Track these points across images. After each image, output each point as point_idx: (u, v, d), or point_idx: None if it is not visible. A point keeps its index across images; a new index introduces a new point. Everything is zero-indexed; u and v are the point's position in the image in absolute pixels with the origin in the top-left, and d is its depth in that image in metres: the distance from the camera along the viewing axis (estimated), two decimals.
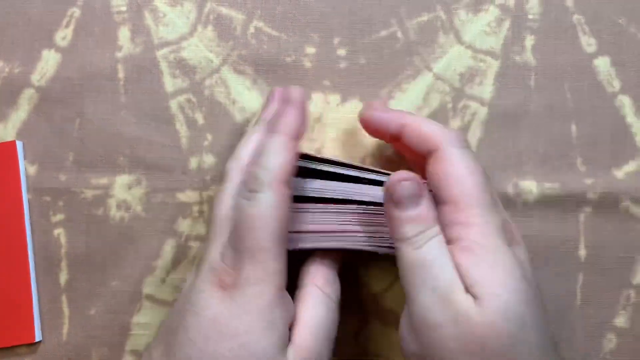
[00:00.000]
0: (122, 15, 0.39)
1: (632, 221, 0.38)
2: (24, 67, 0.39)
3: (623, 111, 0.38)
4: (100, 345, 0.37)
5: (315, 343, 0.30)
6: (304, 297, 0.31)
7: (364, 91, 0.38)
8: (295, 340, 0.29)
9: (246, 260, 0.28)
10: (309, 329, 0.30)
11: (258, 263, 0.28)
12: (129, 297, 0.38)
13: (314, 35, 0.39)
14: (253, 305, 0.28)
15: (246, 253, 0.28)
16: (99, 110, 0.38)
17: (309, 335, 0.30)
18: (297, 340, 0.29)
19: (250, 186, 0.29)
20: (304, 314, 0.30)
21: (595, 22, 0.39)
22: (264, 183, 0.29)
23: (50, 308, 0.38)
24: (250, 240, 0.28)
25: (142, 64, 0.39)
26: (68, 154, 0.38)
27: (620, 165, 0.38)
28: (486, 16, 0.39)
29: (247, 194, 0.29)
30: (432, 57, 0.39)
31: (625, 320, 0.37)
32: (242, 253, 0.28)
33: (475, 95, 0.38)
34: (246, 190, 0.29)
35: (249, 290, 0.28)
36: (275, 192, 0.29)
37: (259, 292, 0.28)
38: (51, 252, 0.38)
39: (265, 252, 0.28)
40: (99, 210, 0.38)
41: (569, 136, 0.38)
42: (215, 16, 0.39)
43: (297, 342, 0.29)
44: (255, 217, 0.28)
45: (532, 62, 0.38)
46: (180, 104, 0.39)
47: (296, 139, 0.31)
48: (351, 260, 0.37)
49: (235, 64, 0.39)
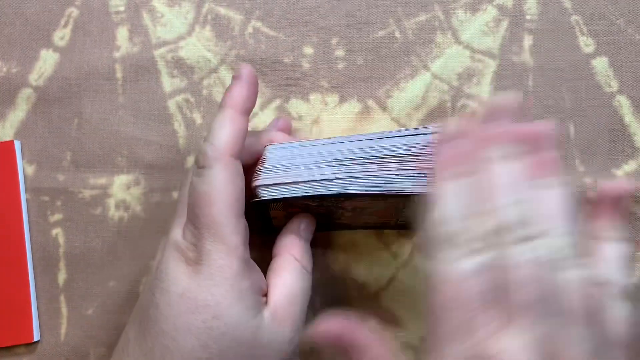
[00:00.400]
0: (120, 15, 0.39)
1: (630, 219, 0.38)
2: (21, 66, 0.39)
3: (621, 111, 0.38)
4: (98, 346, 0.37)
5: (291, 307, 0.30)
6: (280, 265, 0.32)
7: (362, 91, 0.38)
8: (271, 303, 0.30)
9: (205, 235, 0.28)
10: (284, 295, 0.30)
11: (217, 237, 0.28)
12: (127, 297, 0.38)
13: (312, 35, 0.39)
14: (220, 278, 0.28)
15: (204, 229, 0.28)
16: (97, 110, 0.38)
17: (285, 299, 0.30)
18: (273, 304, 0.30)
19: (199, 162, 0.29)
20: (280, 280, 0.31)
21: (593, 23, 0.39)
22: (211, 157, 0.29)
23: (49, 308, 0.38)
24: (205, 216, 0.28)
25: (140, 64, 0.39)
26: (66, 154, 0.38)
27: (620, 165, 0.38)
28: (484, 16, 0.39)
29: (197, 170, 0.29)
30: (430, 56, 0.39)
31: None
32: (200, 229, 0.29)
33: (474, 95, 0.38)
34: (196, 167, 0.30)
35: (213, 264, 0.28)
36: (223, 165, 0.29)
37: (223, 265, 0.28)
38: (49, 252, 0.38)
39: (222, 227, 0.28)
40: (97, 210, 0.38)
41: (567, 136, 0.38)
42: (213, 16, 0.39)
43: (273, 305, 0.30)
44: (206, 193, 0.29)
45: (530, 62, 0.38)
46: (178, 104, 0.39)
47: (243, 112, 0.30)
48: (347, 258, 0.37)
49: (233, 64, 0.39)
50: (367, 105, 0.38)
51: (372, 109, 0.38)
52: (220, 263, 0.28)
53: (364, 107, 0.38)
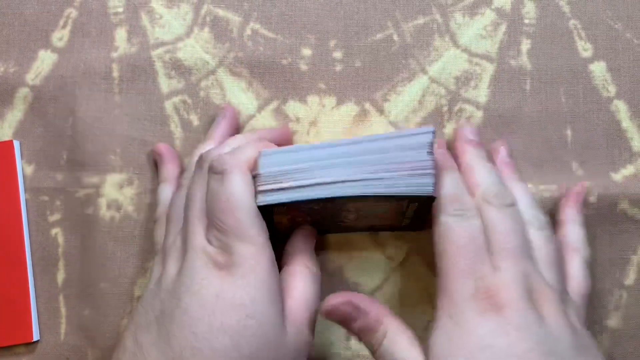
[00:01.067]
0: (119, 16, 0.39)
1: (627, 222, 0.38)
2: (19, 66, 0.39)
3: (618, 116, 0.38)
4: (95, 347, 0.37)
5: (307, 312, 0.32)
6: (294, 272, 0.33)
7: (359, 94, 0.39)
8: (291, 313, 0.31)
9: (233, 239, 0.29)
10: (302, 303, 0.32)
11: (245, 239, 0.29)
12: (120, 299, 0.38)
13: (310, 37, 0.39)
14: (253, 278, 0.29)
15: (231, 233, 0.29)
16: (92, 108, 0.38)
17: (303, 308, 0.32)
18: (292, 313, 0.31)
19: (217, 169, 0.31)
20: (294, 287, 0.32)
21: (592, 27, 0.38)
22: (231, 164, 0.30)
23: (48, 307, 0.38)
24: (231, 220, 0.30)
25: (137, 64, 0.39)
26: (62, 153, 0.38)
27: (618, 169, 0.38)
28: (482, 20, 0.39)
29: (215, 176, 0.31)
30: (428, 60, 0.39)
31: (618, 321, 0.38)
32: (227, 234, 0.30)
33: (471, 99, 0.38)
34: (214, 173, 0.31)
35: (245, 264, 0.29)
36: (242, 172, 0.30)
37: (255, 266, 0.29)
38: (49, 252, 0.38)
39: (248, 229, 0.30)
40: (89, 209, 0.38)
41: (564, 140, 0.38)
42: (211, 18, 0.39)
43: (293, 315, 0.31)
44: (229, 199, 0.30)
45: (528, 66, 0.38)
46: (175, 105, 0.39)
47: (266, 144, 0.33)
48: (341, 258, 0.37)
49: (231, 66, 0.39)
50: (365, 108, 0.38)
51: (370, 112, 0.38)
52: (252, 263, 0.29)
53: (362, 110, 0.38)
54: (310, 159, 0.31)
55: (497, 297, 0.29)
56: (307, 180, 0.30)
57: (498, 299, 0.29)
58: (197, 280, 0.29)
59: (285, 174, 0.31)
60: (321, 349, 0.37)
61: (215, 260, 0.30)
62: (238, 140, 0.34)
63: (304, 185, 0.30)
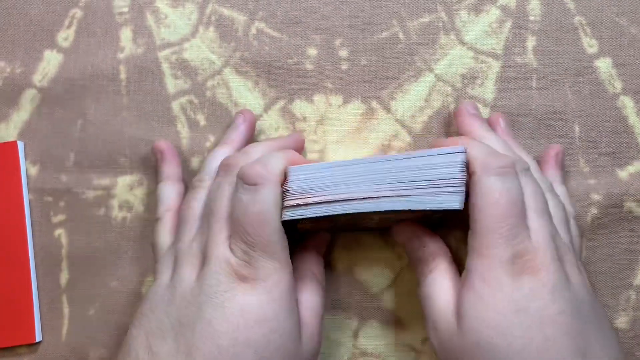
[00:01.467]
0: (124, 16, 0.39)
1: (634, 222, 0.38)
2: (25, 67, 0.39)
3: (625, 112, 0.38)
4: (99, 346, 0.37)
5: (317, 322, 0.32)
6: (304, 282, 0.33)
7: (365, 92, 0.39)
8: (305, 323, 0.32)
9: (260, 253, 0.30)
10: (313, 312, 0.33)
11: (272, 254, 0.30)
12: (129, 298, 0.38)
13: (315, 36, 0.39)
14: (276, 293, 0.30)
15: (258, 247, 0.30)
16: (101, 111, 0.38)
17: (314, 316, 0.32)
18: (306, 323, 0.32)
19: (249, 180, 0.30)
20: (303, 298, 0.33)
21: (597, 24, 0.39)
22: (265, 177, 0.30)
23: (51, 308, 0.38)
24: (260, 235, 0.30)
25: (144, 65, 0.39)
26: (69, 155, 0.38)
27: (624, 166, 0.38)
28: (487, 17, 0.39)
29: (247, 187, 0.30)
30: (434, 58, 0.39)
31: (626, 322, 0.37)
32: (255, 247, 0.30)
33: (477, 96, 0.38)
34: (245, 184, 0.30)
35: (269, 279, 0.30)
36: (274, 186, 0.30)
37: (278, 281, 0.30)
38: (52, 253, 0.38)
39: (275, 244, 0.30)
40: (100, 210, 0.38)
41: (571, 137, 0.38)
42: (217, 17, 0.39)
43: (306, 325, 0.32)
44: (261, 213, 0.30)
45: (534, 63, 0.38)
46: (182, 105, 0.39)
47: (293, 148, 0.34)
48: (351, 257, 0.37)
49: (237, 66, 0.39)
50: (371, 106, 0.38)
51: (376, 111, 0.38)
52: (275, 279, 0.30)
53: (368, 109, 0.38)
54: (340, 174, 0.31)
55: (535, 260, 0.29)
56: (337, 195, 0.31)
57: (535, 262, 0.29)
58: (220, 292, 0.29)
59: (314, 189, 0.31)
60: (329, 348, 0.37)
61: (239, 273, 0.30)
62: (261, 148, 0.34)
63: (334, 201, 0.31)
